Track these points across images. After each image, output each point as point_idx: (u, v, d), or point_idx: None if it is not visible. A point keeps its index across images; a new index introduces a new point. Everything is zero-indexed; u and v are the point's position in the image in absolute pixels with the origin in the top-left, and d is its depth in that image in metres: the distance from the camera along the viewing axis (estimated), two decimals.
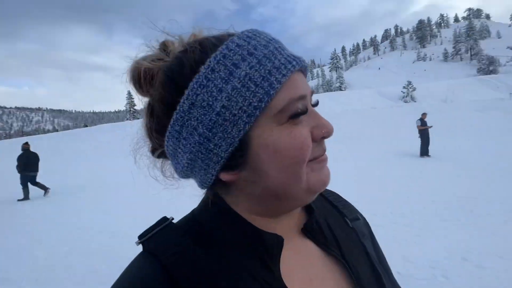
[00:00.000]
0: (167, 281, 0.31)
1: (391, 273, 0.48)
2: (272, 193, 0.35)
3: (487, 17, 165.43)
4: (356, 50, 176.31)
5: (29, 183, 7.62)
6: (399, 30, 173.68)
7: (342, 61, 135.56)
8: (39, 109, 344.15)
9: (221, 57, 0.32)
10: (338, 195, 0.53)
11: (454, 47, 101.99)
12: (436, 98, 35.07)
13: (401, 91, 41.23)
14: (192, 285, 0.31)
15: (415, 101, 36.41)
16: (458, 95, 35.02)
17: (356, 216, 0.50)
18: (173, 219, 0.39)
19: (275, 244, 0.36)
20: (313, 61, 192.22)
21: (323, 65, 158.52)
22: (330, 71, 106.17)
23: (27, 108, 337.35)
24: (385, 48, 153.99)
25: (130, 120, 51.86)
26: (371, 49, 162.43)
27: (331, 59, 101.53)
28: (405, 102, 37.02)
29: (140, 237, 0.36)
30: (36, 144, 21.03)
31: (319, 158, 0.36)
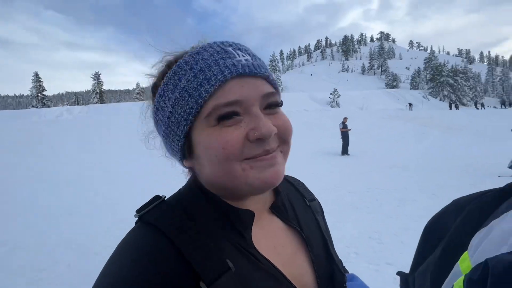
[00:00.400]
0: (170, 246, 0.37)
1: (332, 243, 0.63)
2: (218, 182, 0.43)
3: (393, 41, 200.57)
4: (292, 55, 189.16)
5: None
6: (329, 42, 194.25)
7: (280, 64, 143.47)
8: None
9: (172, 73, 0.41)
10: (300, 181, 0.67)
11: (369, 63, 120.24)
12: (355, 105, 40.70)
13: (328, 97, 46.29)
14: (188, 249, 0.37)
15: (339, 107, 41.41)
16: (371, 104, 41.49)
17: (313, 198, 0.63)
18: (165, 197, 0.46)
19: (248, 217, 0.45)
20: None
21: None
22: None
23: None
24: (317, 56, 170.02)
25: (37, 107, 43.23)
26: (305, 56, 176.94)
27: (270, 61, 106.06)
28: (331, 107, 41.71)
29: (138, 211, 0.42)
30: None
31: (258, 157, 0.40)
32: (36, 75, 48.50)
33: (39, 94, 48.16)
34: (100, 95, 54.25)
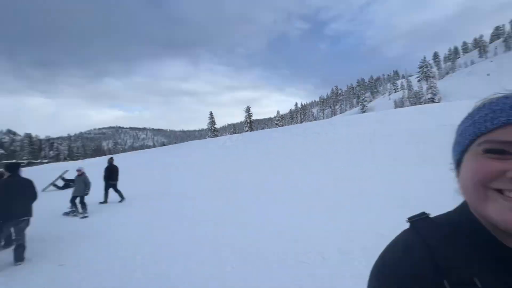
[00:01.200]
0: (422, 244, 0.47)
1: None
2: (470, 205, 0.48)
3: None
4: (453, 55, 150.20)
5: (111, 189, 9.11)
6: None
7: (434, 69, 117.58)
8: (144, 128, 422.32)
9: (475, 108, 0.52)
10: None
11: None
12: None
13: None
14: (438, 251, 0.45)
15: None
16: None
17: None
18: (429, 214, 0.55)
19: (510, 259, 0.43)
20: (396, 72, 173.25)
21: (409, 75, 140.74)
22: (418, 81, 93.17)
23: (136, 128, 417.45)
24: (496, 48, 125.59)
25: (211, 137, 57.57)
26: (476, 51, 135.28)
27: (420, 67, 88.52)
28: None
29: (409, 219, 0.54)
30: (140, 156, 25.35)
31: (502, 192, 0.42)
32: (211, 114, 65.88)
33: (212, 127, 64.80)
34: (250, 124, 65.52)
